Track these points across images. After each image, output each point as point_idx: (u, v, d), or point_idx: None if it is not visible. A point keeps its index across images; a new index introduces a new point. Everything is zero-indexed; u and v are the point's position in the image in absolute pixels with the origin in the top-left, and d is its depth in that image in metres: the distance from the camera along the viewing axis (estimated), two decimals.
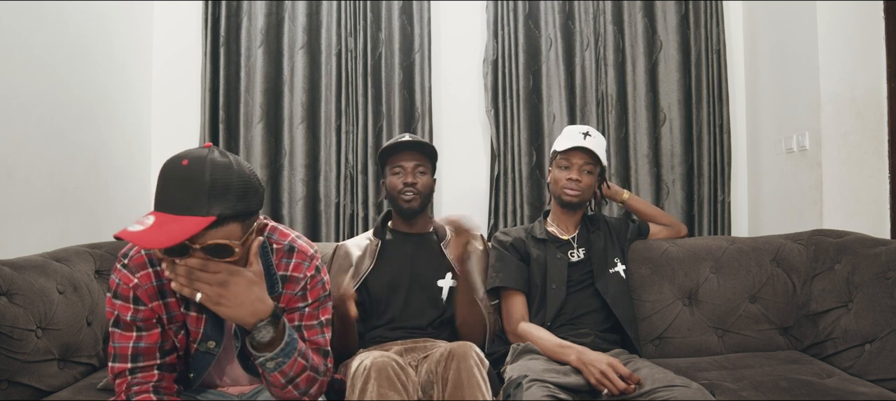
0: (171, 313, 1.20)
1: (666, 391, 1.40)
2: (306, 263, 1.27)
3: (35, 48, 1.86)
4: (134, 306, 1.17)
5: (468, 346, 1.41)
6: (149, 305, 1.17)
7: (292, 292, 1.24)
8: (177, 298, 1.19)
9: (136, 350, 1.16)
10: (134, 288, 1.17)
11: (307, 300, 1.26)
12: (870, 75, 2.15)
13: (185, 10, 2.59)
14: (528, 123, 2.57)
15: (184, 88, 2.58)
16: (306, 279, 1.25)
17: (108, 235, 2.12)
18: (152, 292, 1.17)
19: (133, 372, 1.16)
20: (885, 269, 1.68)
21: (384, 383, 1.30)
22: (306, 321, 1.26)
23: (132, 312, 1.17)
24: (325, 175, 2.54)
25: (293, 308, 1.25)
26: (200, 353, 1.23)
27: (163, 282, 1.17)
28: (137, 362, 1.16)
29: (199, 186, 1.00)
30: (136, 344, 1.16)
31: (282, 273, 1.24)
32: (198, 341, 1.22)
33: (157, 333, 1.18)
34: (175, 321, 1.21)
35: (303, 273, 1.25)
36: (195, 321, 1.21)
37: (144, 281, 1.17)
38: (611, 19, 2.60)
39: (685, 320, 1.94)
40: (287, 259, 1.25)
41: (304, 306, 1.26)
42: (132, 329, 1.17)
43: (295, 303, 1.25)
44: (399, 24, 2.55)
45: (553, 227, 1.93)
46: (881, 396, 1.47)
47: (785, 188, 2.39)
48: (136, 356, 1.16)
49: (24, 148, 1.81)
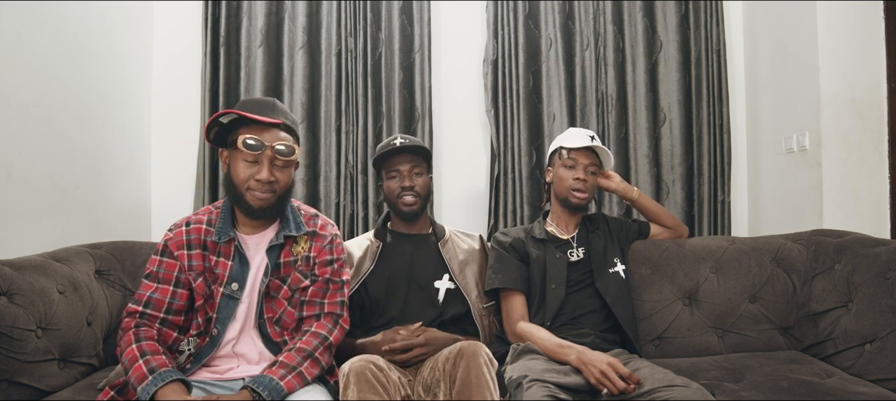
0: (191, 262, 1.45)
1: (666, 391, 1.40)
2: (329, 226, 1.58)
3: (35, 48, 1.86)
4: (161, 257, 1.46)
5: (478, 345, 1.40)
6: (175, 253, 1.45)
7: (321, 245, 1.53)
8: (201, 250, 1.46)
9: (149, 299, 1.41)
10: (167, 240, 1.47)
11: (334, 255, 1.54)
12: (870, 75, 2.15)
13: (185, 10, 2.59)
14: (528, 122, 2.57)
15: (184, 88, 2.58)
16: (331, 236, 1.55)
17: (108, 236, 2.12)
18: (181, 243, 1.46)
19: (141, 316, 1.40)
20: (885, 269, 1.68)
21: (364, 387, 1.32)
22: (334, 277, 1.52)
23: (158, 264, 1.45)
24: (325, 175, 2.54)
25: (324, 261, 1.52)
26: (225, 296, 1.44)
27: (191, 238, 1.47)
28: (147, 308, 1.41)
29: (273, 105, 1.47)
30: (151, 294, 1.42)
31: (311, 229, 1.53)
32: (224, 283, 1.44)
33: (169, 290, 1.43)
34: (194, 270, 1.45)
35: (328, 232, 1.56)
36: (223, 266, 1.46)
37: (177, 235, 1.47)
38: (611, 19, 2.60)
39: (685, 320, 1.94)
40: (314, 220, 1.56)
41: (333, 260, 1.53)
42: (153, 280, 1.44)
43: (324, 255, 1.52)
44: (399, 24, 2.55)
45: (553, 227, 1.93)
46: (881, 396, 1.47)
47: (785, 188, 2.39)
48: (148, 303, 1.41)
49: (24, 148, 1.81)
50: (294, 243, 1.50)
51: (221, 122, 1.43)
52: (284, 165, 1.44)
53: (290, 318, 1.48)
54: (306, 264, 1.51)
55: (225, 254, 1.46)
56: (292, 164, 1.47)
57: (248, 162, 1.41)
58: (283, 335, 1.47)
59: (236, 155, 1.42)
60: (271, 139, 1.40)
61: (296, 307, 1.49)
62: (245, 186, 1.41)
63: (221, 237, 1.46)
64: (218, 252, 1.46)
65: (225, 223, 1.48)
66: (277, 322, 1.48)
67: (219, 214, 1.51)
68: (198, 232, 1.47)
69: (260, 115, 1.41)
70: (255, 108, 1.43)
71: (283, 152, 1.41)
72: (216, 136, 1.48)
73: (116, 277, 1.85)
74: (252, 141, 1.38)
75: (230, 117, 1.41)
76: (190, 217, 1.51)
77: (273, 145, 1.40)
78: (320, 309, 1.49)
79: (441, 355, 1.48)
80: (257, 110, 1.42)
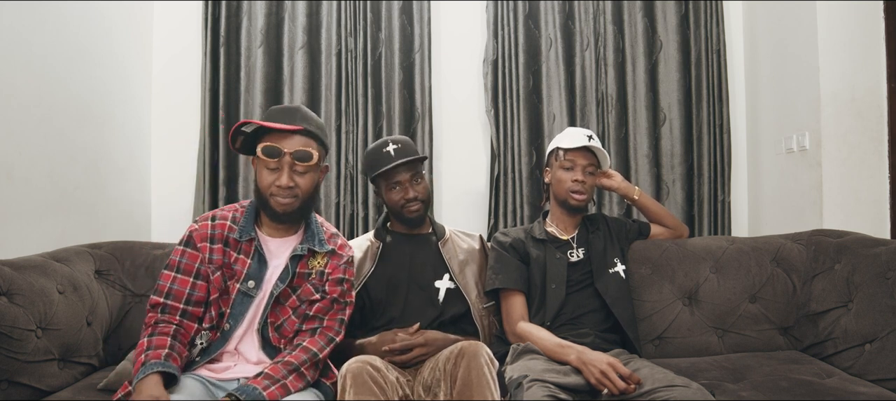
0: (212, 256, 1.48)
1: (666, 391, 1.40)
2: (347, 248, 1.62)
3: (35, 48, 1.86)
4: (184, 248, 1.48)
5: (479, 345, 1.40)
6: (198, 245, 1.48)
7: (337, 264, 1.56)
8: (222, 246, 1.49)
9: (169, 290, 1.44)
10: (191, 231, 1.50)
11: (346, 276, 1.56)
12: (870, 75, 2.15)
13: (185, 10, 2.59)
14: (528, 123, 2.57)
15: (184, 88, 2.58)
16: (347, 258, 1.59)
17: (108, 235, 2.12)
18: (205, 236, 1.49)
19: (163, 310, 1.42)
20: (885, 269, 1.68)
21: (361, 389, 1.33)
22: (340, 298, 1.54)
23: (180, 254, 1.48)
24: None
25: (336, 279, 1.54)
26: (241, 293, 1.47)
27: (216, 232, 1.50)
28: (168, 299, 1.43)
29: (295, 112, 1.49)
30: (171, 285, 1.44)
31: (330, 247, 1.56)
32: (241, 280, 1.47)
33: (188, 281, 1.45)
34: (214, 263, 1.47)
35: (346, 253, 1.59)
36: (242, 263, 1.48)
37: (202, 228, 1.50)
38: (611, 19, 2.60)
39: (685, 320, 1.94)
40: (334, 239, 1.60)
41: (344, 280, 1.56)
42: (174, 270, 1.46)
43: (337, 273, 1.55)
44: (399, 24, 2.55)
45: (552, 227, 1.93)
46: (881, 396, 1.47)
47: (785, 188, 2.39)
48: (169, 294, 1.44)
49: (24, 148, 1.81)
50: (312, 257, 1.53)
51: (245, 131, 1.46)
52: (305, 170, 1.46)
53: (291, 327, 1.49)
54: (319, 279, 1.53)
55: (245, 252, 1.50)
56: (314, 169, 1.48)
57: (269, 169, 1.45)
58: (281, 342, 1.48)
59: (259, 163, 1.46)
60: (290, 146, 1.43)
61: (299, 318, 1.50)
62: (269, 192, 1.45)
63: (243, 235, 1.50)
64: (239, 249, 1.50)
65: (248, 222, 1.52)
66: (278, 328, 1.49)
67: (244, 212, 1.55)
68: (222, 227, 1.51)
69: (281, 122, 1.45)
70: (277, 116, 1.47)
71: (301, 157, 1.44)
72: (243, 145, 1.50)
73: (116, 277, 1.85)
74: (269, 148, 1.42)
75: (252, 127, 1.45)
76: (216, 212, 1.55)
77: (291, 151, 1.43)
78: (319, 325, 1.50)
79: (441, 355, 1.48)
80: (278, 118, 1.46)
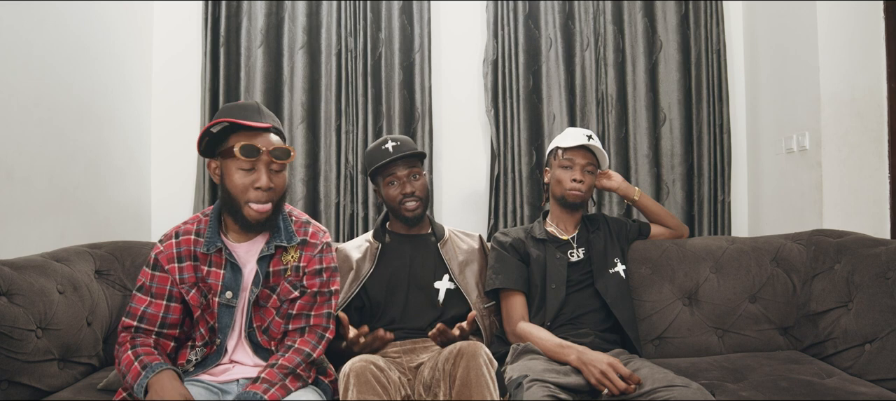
0: (183, 275, 1.43)
1: (666, 391, 1.40)
2: (321, 233, 1.53)
3: (35, 48, 1.86)
4: (152, 271, 1.43)
5: (477, 345, 1.40)
6: (166, 267, 1.42)
7: (311, 254, 1.48)
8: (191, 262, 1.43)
9: (143, 313, 1.41)
10: (158, 254, 1.44)
11: (324, 265, 1.49)
12: (870, 75, 2.15)
13: (185, 10, 2.59)
14: (528, 122, 2.57)
15: (184, 88, 2.58)
16: (322, 245, 1.50)
17: (108, 236, 2.12)
18: (171, 257, 1.43)
19: (137, 331, 1.40)
20: (885, 269, 1.68)
21: (363, 388, 1.32)
22: (322, 289, 1.49)
23: (150, 277, 1.43)
24: (325, 175, 2.54)
25: (313, 271, 1.48)
26: (222, 305, 1.43)
27: (181, 250, 1.44)
28: (141, 323, 1.40)
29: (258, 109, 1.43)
30: (145, 308, 1.41)
31: (301, 238, 1.48)
32: (219, 293, 1.42)
33: (162, 305, 1.42)
34: (186, 282, 1.43)
35: (319, 240, 1.51)
36: (215, 276, 1.43)
37: (167, 249, 1.44)
38: (611, 19, 2.60)
39: (685, 320, 1.94)
40: (304, 228, 1.51)
41: (322, 270, 1.49)
42: (146, 294, 1.42)
43: (313, 265, 1.48)
44: (399, 24, 2.55)
45: (553, 227, 1.93)
46: (881, 396, 1.47)
47: (785, 188, 2.39)
48: (142, 318, 1.40)
49: (24, 148, 1.81)
50: (284, 253, 1.47)
51: (212, 132, 1.37)
52: (280, 168, 1.40)
53: (278, 328, 1.47)
54: (296, 275, 1.47)
55: (216, 263, 1.44)
56: (286, 167, 1.44)
57: (244, 170, 1.36)
58: (271, 344, 1.47)
59: (230, 164, 1.37)
60: (266, 144, 1.37)
61: (283, 318, 1.47)
62: (244, 197, 1.37)
63: (210, 248, 1.42)
64: (209, 262, 1.44)
65: (213, 232, 1.44)
66: (266, 331, 1.47)
67: (208, 222, 1.46)
68: (187, 243, 1.44)
69: (248, 120, 1.37)
70: (240, 112, 1.39)
71: (280, 154, 1.37)
72: (206, 147, 1.42)
73: (116, 277, 1.85)
74: (248, 147, 1.33)
75: (221, 126, 1.36)
76: (179, 227, 1.48)
77: (269, 150, 1.36)
78: (306, 323, 1.47)
79: (441, 354, 1.47)
80: (245, 115, 1.38)
